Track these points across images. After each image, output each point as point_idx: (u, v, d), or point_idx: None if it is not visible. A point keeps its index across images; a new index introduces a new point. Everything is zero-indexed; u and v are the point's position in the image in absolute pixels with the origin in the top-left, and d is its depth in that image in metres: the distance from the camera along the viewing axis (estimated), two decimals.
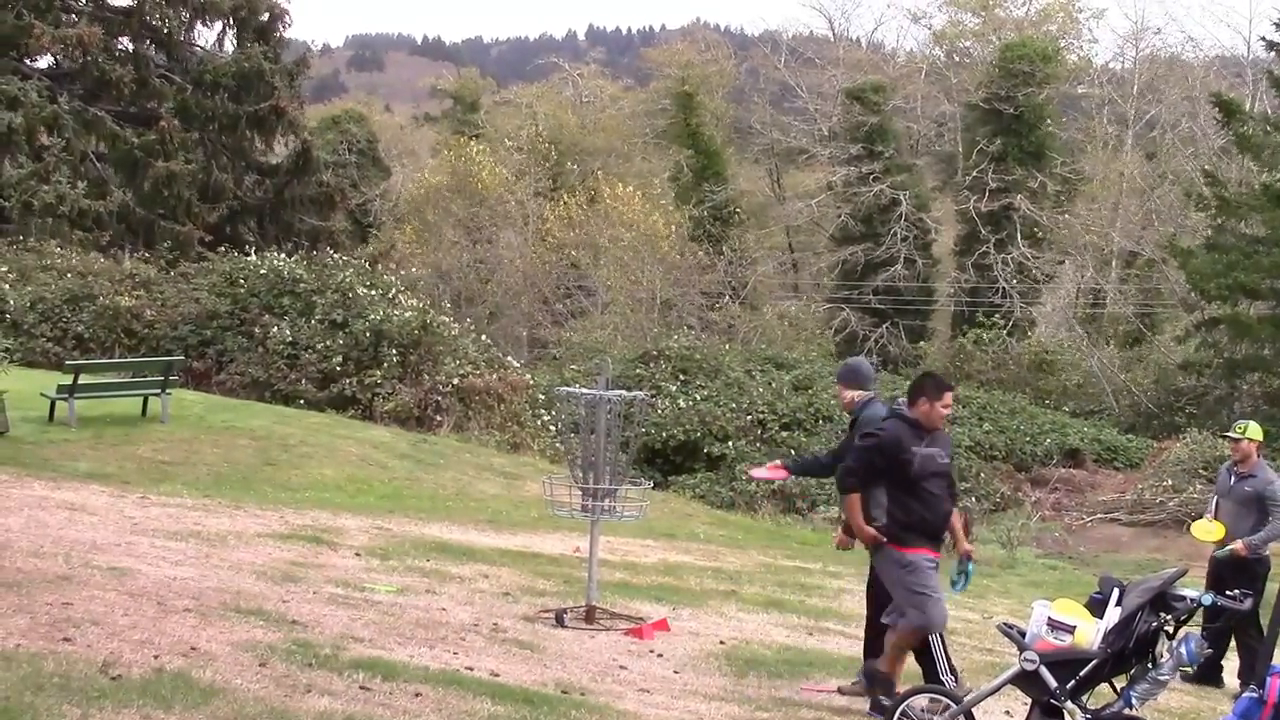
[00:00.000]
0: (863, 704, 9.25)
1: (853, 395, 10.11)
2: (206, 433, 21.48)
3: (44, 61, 39.17)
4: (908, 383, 12.06)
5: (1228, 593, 7.71)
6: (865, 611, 9.87)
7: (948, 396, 9.12)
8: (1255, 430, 13.02)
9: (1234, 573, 11.90)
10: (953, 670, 9.19)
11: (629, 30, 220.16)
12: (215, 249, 34.15)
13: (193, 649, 8.20)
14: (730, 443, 30.90)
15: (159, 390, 22.02)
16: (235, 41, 40.73)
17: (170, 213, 37.22)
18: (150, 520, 13.76)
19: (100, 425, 21.07)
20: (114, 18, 38.95)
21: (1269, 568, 12.49)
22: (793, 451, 30.86)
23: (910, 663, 9.19)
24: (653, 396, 30.90)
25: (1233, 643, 12.17)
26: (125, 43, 39.76)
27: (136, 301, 29.25)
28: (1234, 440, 13.15)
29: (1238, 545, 12.19)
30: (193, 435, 21.17)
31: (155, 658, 7.84)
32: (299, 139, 41.27)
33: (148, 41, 40.26)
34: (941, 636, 9.18)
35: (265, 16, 40.58)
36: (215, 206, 38.29)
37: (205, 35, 41.79)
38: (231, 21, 40.40)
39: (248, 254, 31.80)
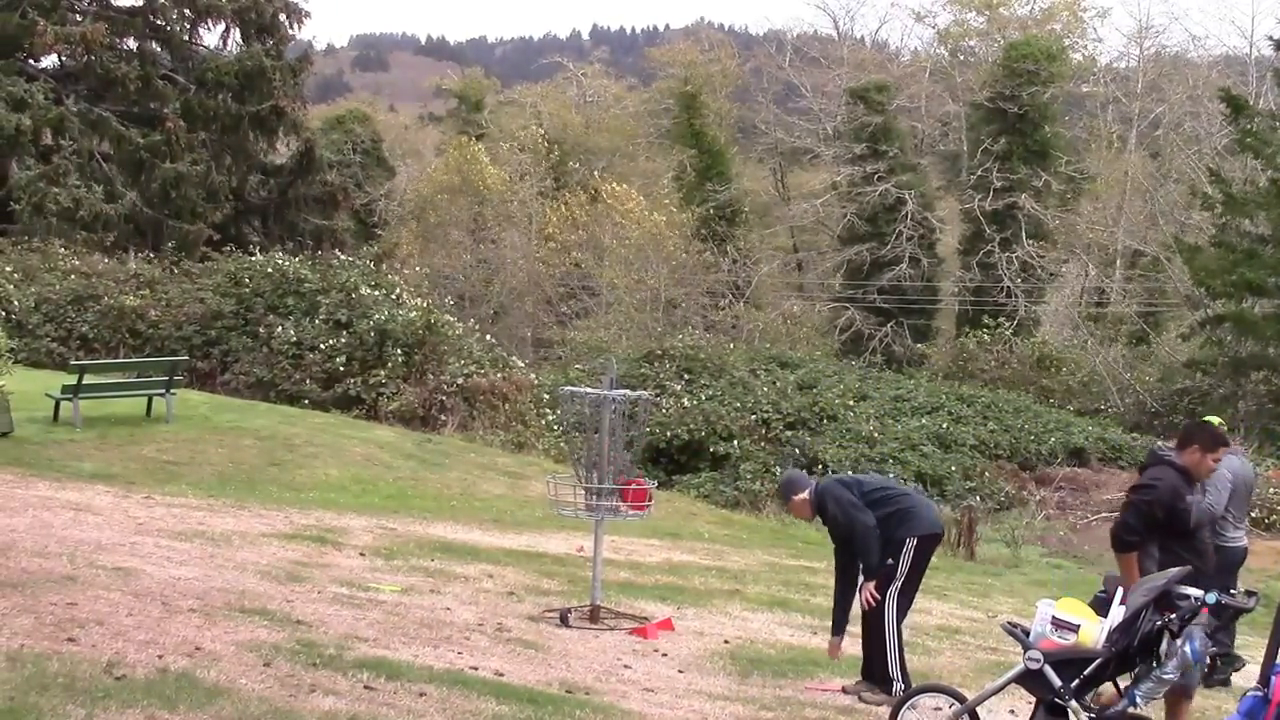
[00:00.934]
0: (866, 705, 9.24)
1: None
2: (211, 433, 21.49)
3: (48, 61, 39.23)
4: (911, 381, 12.03)
5: (1232, 591, 7.69)
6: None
7: (1221, 452, 8.81)
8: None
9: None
10: (904, 674, 9.24)
11: (633, 30, 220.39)
12: (220, 249, 34.19)
13: (197, 649, 8.20)
14: (735, 442, 30.85)
15: (163, 390, 22.05)
16: (240, 41, 40.78)
17: (176, 213, 37.25)
18: (155, 520, 13.76)
19: (105, 425, 21.08)
20: (119, 17, 39.00)
21: (1241, 559, 12.53)
22: (797, 451, 30.87)
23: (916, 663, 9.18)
24: (657, 396, 30.89)
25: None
26: (130, 43, 39.79)
27: (141, 301, 29.29)
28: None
29: None
30: (197, 435, 21.18)
31: (160, 658, 7.84)
32: (302, 139, 41.30)
33: (153, 41, 40.33)
34: (901, 635, 9.25)
35: (270, 15, 40.58)
36: (220, 206, 38.33)
37: (209, 35, 41.89)
38: (236, 21, 40.41)
39: (252, 254, 31.84)
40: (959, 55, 65.54)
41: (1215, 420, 13.26)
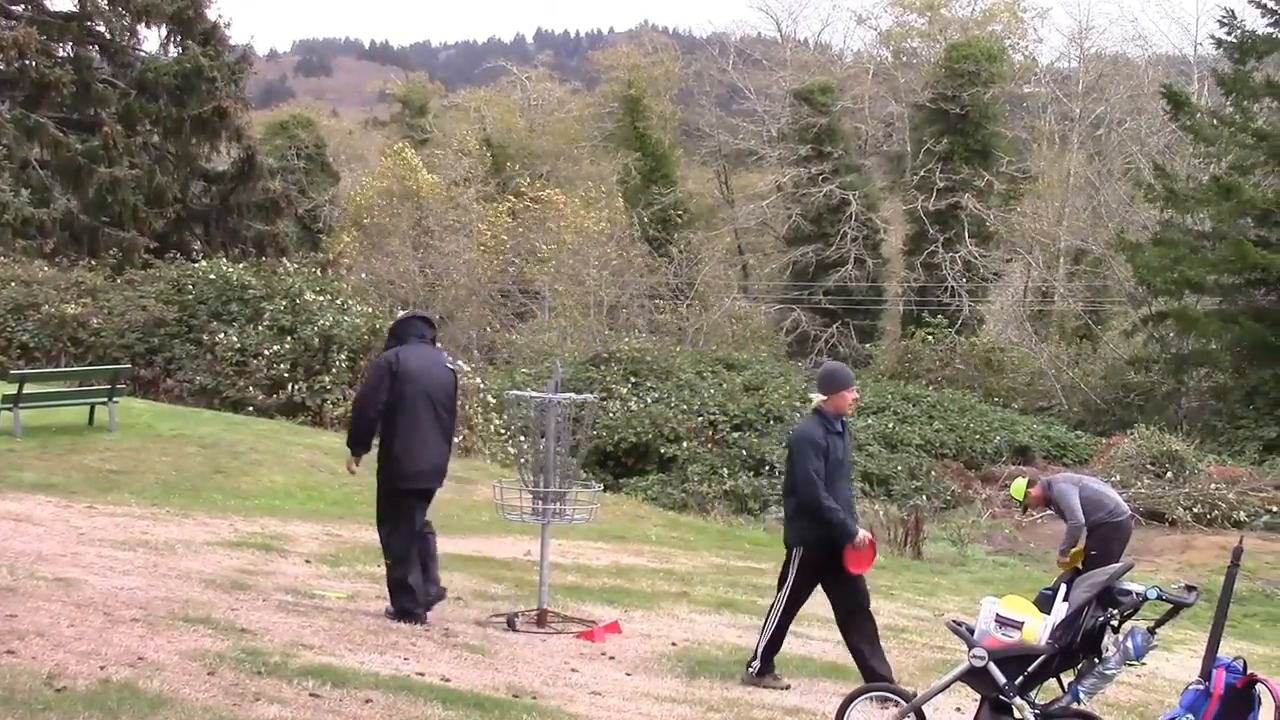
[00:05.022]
0: (814, 703, 9.27)
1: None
2: (154, 441, 21.34)
3: None
4: (858, 382, 12.04)
5: (1174, 586, 7.74)
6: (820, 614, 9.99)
7: None
8: (1019, 488, 14.68)
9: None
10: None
11: (577, 33, 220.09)
12: (162, 256, 33.97)
13: (140, 659, 8.13)
14: (682, 444, 30.90)
15: (106, 399, 21.89)
16: (179, 46, 40.47)
17: (115, 219, 36.97)
18: (97, 530, 13.65)
19: (46, 435, 20.91)
20: (54, 22, 38.66)
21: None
22: (744, 452, 30.92)
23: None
24: (603, 399, 30.89)
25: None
26: (66, 48, 39.44)
27: (82, 309, 29.08)
28: (1020, 504, 14.49)
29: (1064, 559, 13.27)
30: (140, 444, 21.03)
31: (101, 668, 7.76)
32: (244, 145, 41.06)
33: (90, 46, 40.01)
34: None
35: (210, 21, 40.35)
36: (161, 213, 38.02)
37: (149, 40, 41.59)
38: (174, 25, 40.12)
39: (195, 261, 31.65)
40: (901, 56, 65.89)
41: (1019, 486, 14.26)
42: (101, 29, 40.13)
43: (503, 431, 27.46)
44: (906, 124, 60.06)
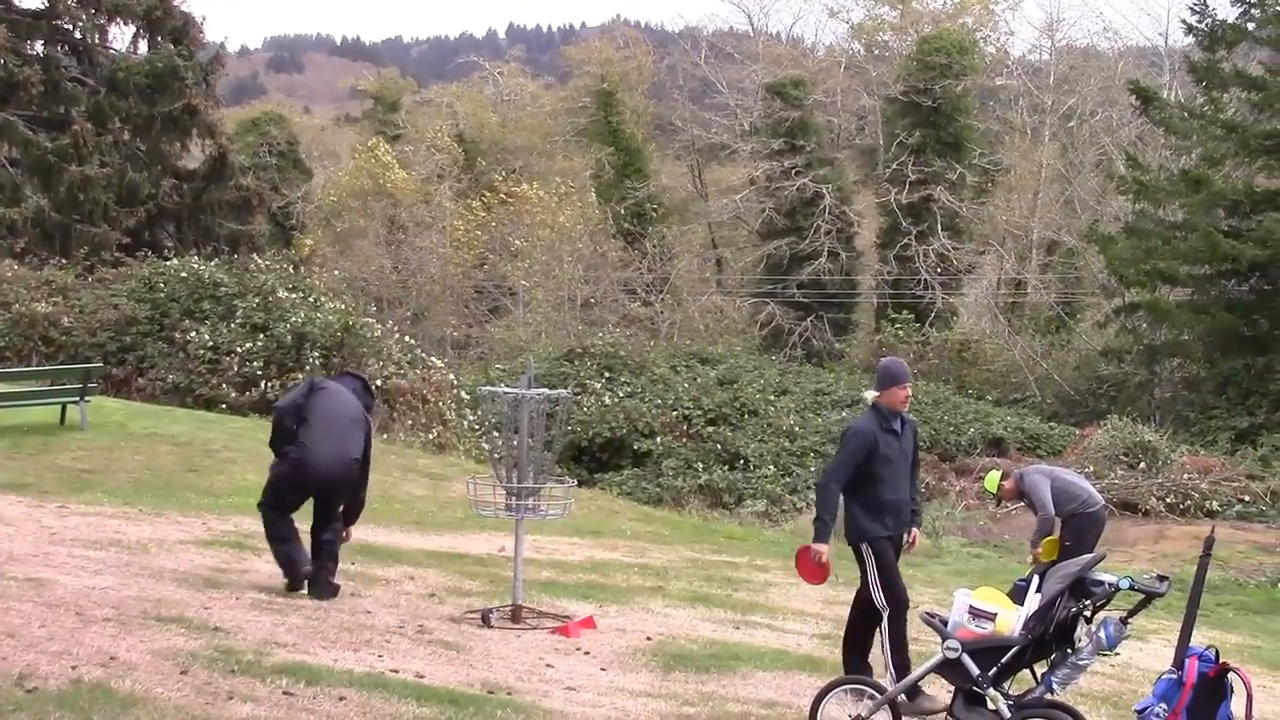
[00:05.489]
0: (789, 696, 9.27)
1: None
2: (127, 440, 21.26)
3: None
4: (831, 375, 12.07)
5: (1147, 576, 7.77)
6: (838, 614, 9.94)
7: None
8: (992, 480, 14.53)
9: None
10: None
11: (549, 28, 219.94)
12: (134, 254, 33.83)
13: (112, 659, 8.10)
14: (657, 439, 30.95)
15: (77, 398, 21.77)
16: (149, 44, 40.33)
17: (87, 217, 36.81)
18: (69, 530, 13.58)
19: (17, 434, 20.81)
20: (22, 20, 38.47)
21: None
22: (719, 446, 30.96)
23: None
24: (577, 394, 30.89)
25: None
26: (36, 46, 39.25)
27: (54, 308, 28.95)
28: (994, 497, 14.55)
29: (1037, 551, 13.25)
30: (113, 443, 20.95)
31: (73, 668, 7.73)
32: (216, 142, 40.91)
33: (60, 45, 39.81)
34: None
35: (180, 19, 40.20)
36: (133, 211, 37.87)
37: (119, 38, 41.40)
38: (145, 24, 39.97)
39: (167, 259, 31.53)
40: (873, 50, 65.93)
41: (992, 479, 14.19)
42: (71, 27, 39.93)
43: (477, 427, 27.47)
44: (879, 117, 60.12)
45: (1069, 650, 7.45)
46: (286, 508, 11.30)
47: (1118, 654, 8.76)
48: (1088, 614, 7.47)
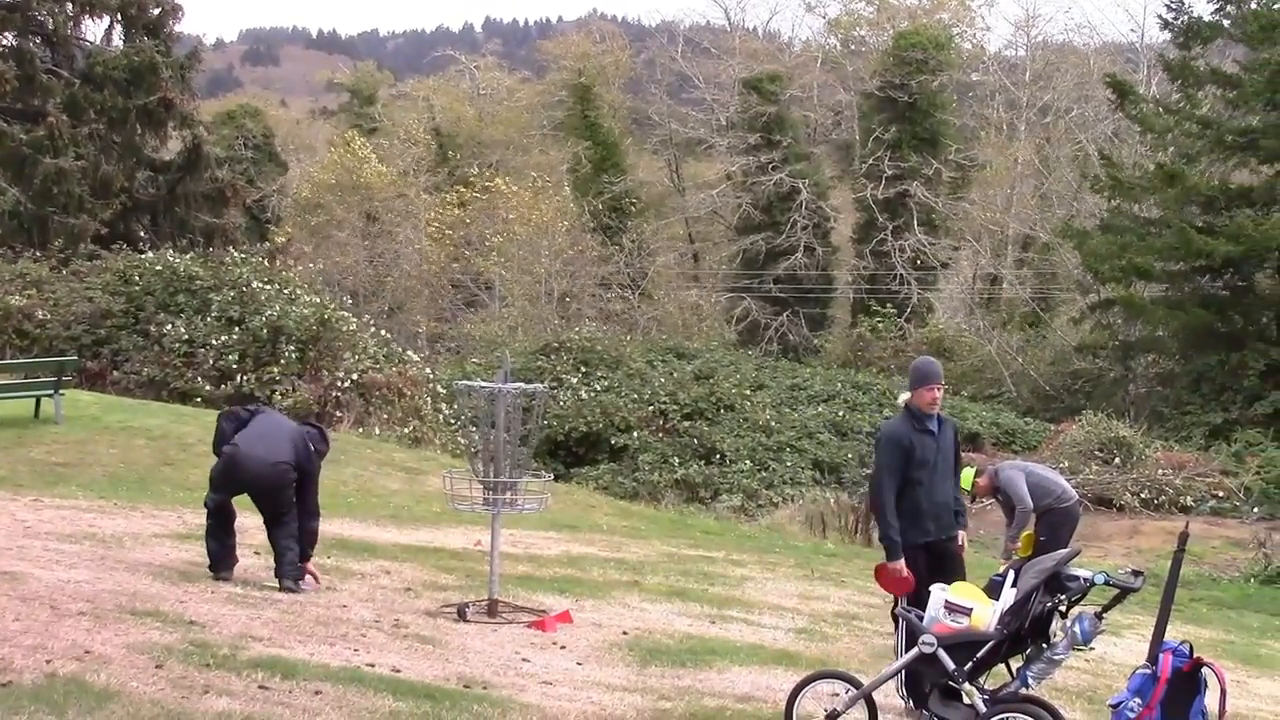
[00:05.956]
0: (765, 691, 9.27)
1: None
2: (102, 433, 21.18)
3: None
4: (808, 370, 12.10)
5: (1121, 571, 7.79)
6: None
7: None
8: (967, 478, 14.05)
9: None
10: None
11: (526, 22, 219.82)
12: (109, 247, 33.67)
13: (87, 652, 8.07)
14: (633, 433, 30.95)
15: (52, 391, 21.67)
16: (124, 36, 40.15)
17: (61, 209, 36.62)
18: (43, 523, 13.53)
19: None
20: None
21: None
22: (695, 441, 30.97)
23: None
24: (554, 389, 30.89)
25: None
26: (9, 39, 39.03)
27: (28, 301, 28.80)
28: (968, 494, 14.48)
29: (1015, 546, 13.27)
30: (87, 436, 20.87)
31: (48, 662, 7.70)
32: (192, 134, 40.75)
33: (35, 38, 39.60)
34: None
35: (155, 11, 40.02)
36: (108, 203, 37.69)
37: (93, 30, 41.17)
38: (120, 16, 39.79)
39: (142, 252, 31.41)
40: (849, 45, 65.98)
41: (966, 476, 14.04)
42: (44, 19, 39.71)
43: (453, 422, 27.42)
44: (855, 112, 60.18)
45: (1044, 645, 7.48)
46: (220, 504, 11.54)
47: (1092, 649, 8.82)
48: (1063, 609, 7.50)
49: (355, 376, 26.79)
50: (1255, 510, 27.27)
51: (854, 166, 58.25)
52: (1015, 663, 7.62)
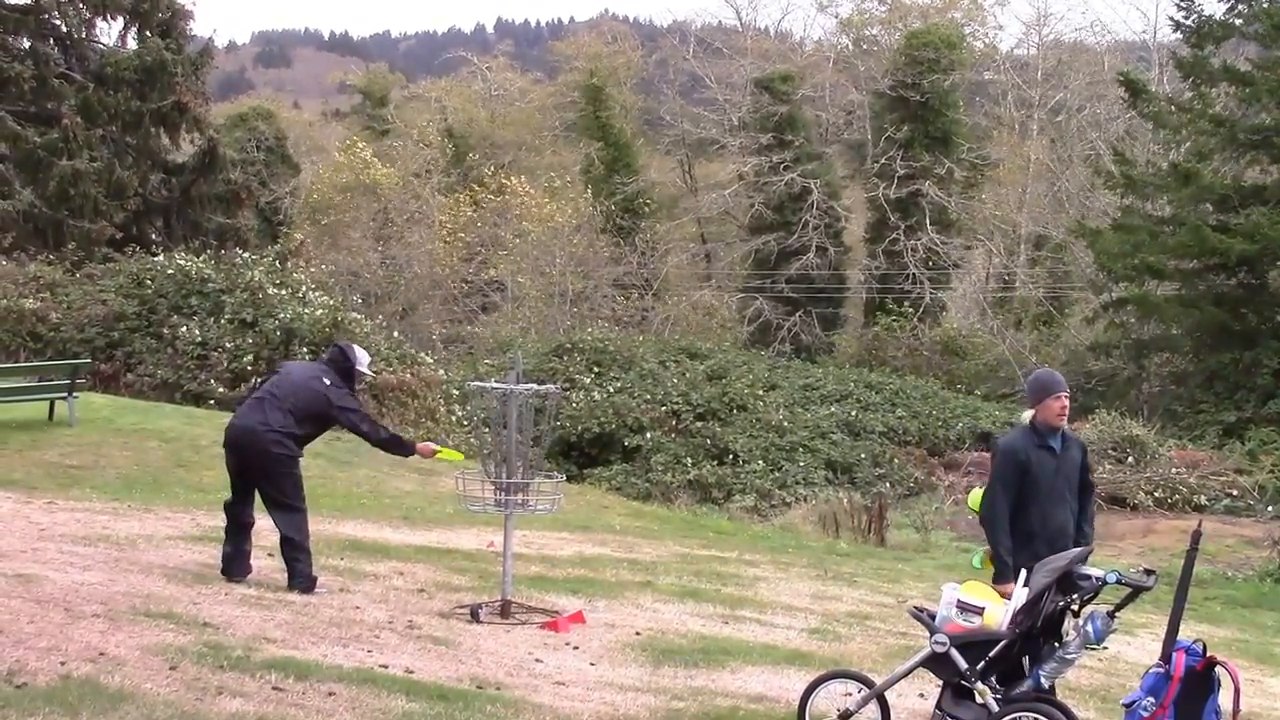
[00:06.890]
0: (779, 690, 9.27)
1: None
2: (115, 436, 21.22)
3: None
4: (820, 370, 12.10)
5: (1134, 570, 7.80)
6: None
7: None
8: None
9: None
10: None
11: (538, 23, 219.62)
12: (122, 249, 33.74)
13: (101, 654, 8.09)
14: (646, 434, 30.94)
15: (66, 394, 21.72)
16: (138, 38, 40.24)
17: (76, 212, 36.70)
18: (58, 525, 13.57)
19: (5, 430, 20.77)
20: (10, 15, 38.36)
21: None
22: (708, 441, 30.96)
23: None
24: (566, 389, 30.89)
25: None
26: (23, 41, 39.12)
27: (41, 304, 28.87)
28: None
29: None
30: (101, 438, 20.92)
31: (62, 664, 7.72)
32: (205, 136, 40.82)
33: (50, 40, 39.68)
34: None
35: (168, 13, 40.11)
36: (122, 205, 37.76)
37: (107, 32, 41.27)
38: (133, 18, 39.88)
39: (155, 254, 31.47)
40: (861, 44, 65.85)
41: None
42: (58, 21, 39.81)
43: (465, 423, 27.45)
44: (867, 112, 60.09)
45: (1056, 644, 7.48)
46: (230, 502, 11.46)
47: (1105, 648, 8.81)
48: (1075, 608, 7.50)
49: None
50: (1270, 509, 27.19)
51: (866, 166, 58.15)
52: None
